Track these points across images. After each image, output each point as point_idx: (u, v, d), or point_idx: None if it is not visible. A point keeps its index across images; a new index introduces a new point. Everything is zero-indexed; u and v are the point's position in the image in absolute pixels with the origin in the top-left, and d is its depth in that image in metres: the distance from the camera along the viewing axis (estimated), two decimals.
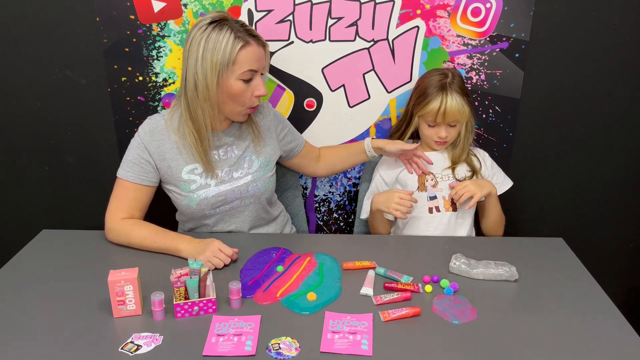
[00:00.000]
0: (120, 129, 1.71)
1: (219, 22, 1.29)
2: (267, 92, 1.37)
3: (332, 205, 1.85)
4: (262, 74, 1.36)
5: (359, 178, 1.80)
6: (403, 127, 1.61)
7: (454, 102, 1.47)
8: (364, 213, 1.63)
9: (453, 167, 1.57)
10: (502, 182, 1.61)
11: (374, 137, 1.72)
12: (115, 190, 1.41)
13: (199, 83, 1.29)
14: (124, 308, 1.10)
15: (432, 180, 1.56)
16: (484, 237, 1.51)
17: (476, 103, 1.68)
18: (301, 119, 1.71)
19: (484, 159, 1.61)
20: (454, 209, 1.55)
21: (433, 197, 1.55)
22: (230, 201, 1.44)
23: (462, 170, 1.57)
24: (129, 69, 1.64)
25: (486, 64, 1.64)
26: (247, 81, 1.32)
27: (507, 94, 1.67)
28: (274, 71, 1.65)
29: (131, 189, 1.39)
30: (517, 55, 1.62)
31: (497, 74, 1.65)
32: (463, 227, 1.56)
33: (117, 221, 1.38)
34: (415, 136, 1.62)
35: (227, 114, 1.38)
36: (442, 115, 1.48)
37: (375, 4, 1.57)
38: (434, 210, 1.55)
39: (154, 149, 1.39)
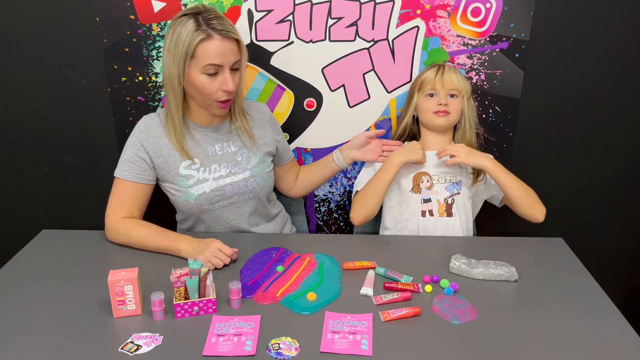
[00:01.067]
0: (120, 129, 1.71)
1: (190, 15, 1.29)
2: (235, 88, 1.33)
3: (332, 205, 1.85)
4: (234, 69, 1.33)
5: None
6: (403, 111, 1.61)
7: (452, 71, 1.51)
8: (360, 184, 1.57)
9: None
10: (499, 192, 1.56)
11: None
12: (114, 189, 1.41)
13: (166, 74, 1.33)
14: (124, 308, 1.10)
15: (427, 181, 1.53)
16: (484, 237, 1.51)
17: (476, 103, 1.67)
18: (301, 119, 1.71)
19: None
20: (449, 214, 1.52)
21: (427, 200, 1.52)
22: (229, 196, 1.44)
23: (464, 174, 1.54)
24: (129, 69, 1.64)
25: (486, 64, 1.64)
26: (213, 75, 1.31)
27: (507, 94, 1.67)
28: (274, 71, 1.65)
29: (129, 187, 1.39)
30: (517, 55, 1.62)
31: (497, 74, 1.65)
32: (458, 231, 1.53)
33: (117, 220, 1.38)
34: (415, 137, 1.62)
35: (200, 105, 1.38)
36: (440, 80, 1.49)
37: (375, 4, 1.57)
38: (427, 214, 1.52)
39: (151, 146, 1.39)
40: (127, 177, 1.39)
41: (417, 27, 1.60)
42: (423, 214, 1.52)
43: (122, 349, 1.01)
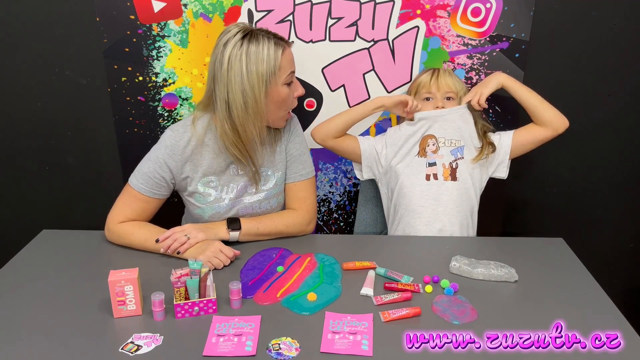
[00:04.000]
0: (120, 129, 1.71)
1: (250, 33, 1.27)
2: (304, 91, 1.40)
3: (332, 205, 1.85)
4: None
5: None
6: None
7: (446, 74, 1.53)
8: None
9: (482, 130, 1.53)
10: (504, 172, 1.57)
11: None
12: (124, 196, 1.38)
13: (249, 99, 1.27)
14: (124, 308, 1.10)
15: (433, 144, 1.52)
16: (484, 237, 1.51)
17: None
18: (301, 119, 1.70)
19: (502, 142, 1.55)
20: (453, 178, 1.51)
21: (432, 164, 1.52)
22: (241, 216, 1.43)
23: (472, 137, 1.53)
24: (129, 69, 1.64)
25: (486, 64, 1.64)
26: (289, 84, 1.34)
27: (507, 94, 1.67)
28: None
29: (141, 200, 1.37)
30: (517, 55, 1.63)
31: None
32: (464, 201, 1.50)
33: (117, 224, 1.37)
34: None
35: (270, 122, 1.37)
36: (435, 83, 1.51)
37: (375, 4, 1.57)
38: (431, 177, 1.52)
39: (174, 164, 1.36)
40: (141, 190, 1.36)
41: (417, 27, 1.60)
42: (427, 177, 1.52)
43: (122, 349, 1.01)
